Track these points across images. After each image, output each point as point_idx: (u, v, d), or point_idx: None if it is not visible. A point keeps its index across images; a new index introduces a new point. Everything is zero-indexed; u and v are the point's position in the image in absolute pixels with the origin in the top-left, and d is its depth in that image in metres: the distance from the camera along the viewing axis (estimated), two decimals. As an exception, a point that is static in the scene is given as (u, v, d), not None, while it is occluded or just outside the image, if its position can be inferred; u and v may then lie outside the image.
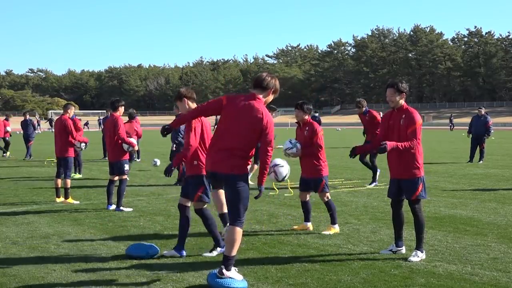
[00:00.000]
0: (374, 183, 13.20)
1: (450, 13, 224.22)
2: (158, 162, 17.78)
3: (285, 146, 7.93)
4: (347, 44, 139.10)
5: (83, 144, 11.38)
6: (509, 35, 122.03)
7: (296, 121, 8.17)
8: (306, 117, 7.96)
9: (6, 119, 24.93)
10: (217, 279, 5.42)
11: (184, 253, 6.72)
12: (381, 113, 32.72)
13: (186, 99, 6.75)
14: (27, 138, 23.79)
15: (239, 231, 5.48)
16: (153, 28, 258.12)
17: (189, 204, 6.73)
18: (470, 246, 7.11)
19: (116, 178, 10.05)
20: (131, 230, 8.22)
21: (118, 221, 8.90)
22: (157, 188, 12.97)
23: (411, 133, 6.44)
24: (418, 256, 6.46)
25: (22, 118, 24.65)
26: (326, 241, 7.46)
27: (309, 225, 8.14)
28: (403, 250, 6.76)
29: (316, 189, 7.94)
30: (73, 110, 11.41)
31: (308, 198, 8.10)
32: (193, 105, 6.74)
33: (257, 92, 5.65)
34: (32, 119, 25.55)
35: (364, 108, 13.35)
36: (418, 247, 6.55)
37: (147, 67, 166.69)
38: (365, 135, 13.84)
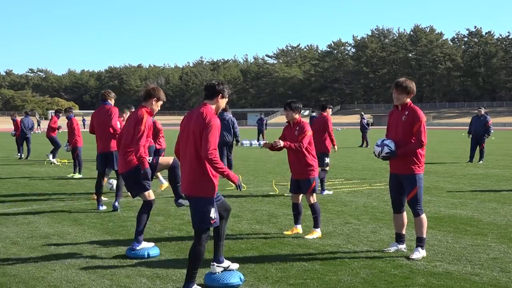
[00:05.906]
0: None
1: (450, 13, 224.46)
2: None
3: (377, 151, 6.61)
4: (347, 44, 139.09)
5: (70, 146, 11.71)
6: (509, 35, 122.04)
7: (286, 120, 8.02)
8: (296, 116, 7.80)
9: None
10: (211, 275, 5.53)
11: None
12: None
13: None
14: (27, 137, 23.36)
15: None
16: (153, 28, 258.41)
17: None
18: (470, 246, 7.11)
19: None
20: (131, 230, 8.18)
21: (118, 221, 8.91)
22: (157, 188, 12.95)
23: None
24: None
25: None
26: (326, 241, 7.46)
27: (299, 228, 7.99)
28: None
29: (305, 191, 7.75)
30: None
31: (300, 201, 7.97)
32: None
33: None
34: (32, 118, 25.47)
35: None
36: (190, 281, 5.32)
37: (147, 67, 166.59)
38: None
